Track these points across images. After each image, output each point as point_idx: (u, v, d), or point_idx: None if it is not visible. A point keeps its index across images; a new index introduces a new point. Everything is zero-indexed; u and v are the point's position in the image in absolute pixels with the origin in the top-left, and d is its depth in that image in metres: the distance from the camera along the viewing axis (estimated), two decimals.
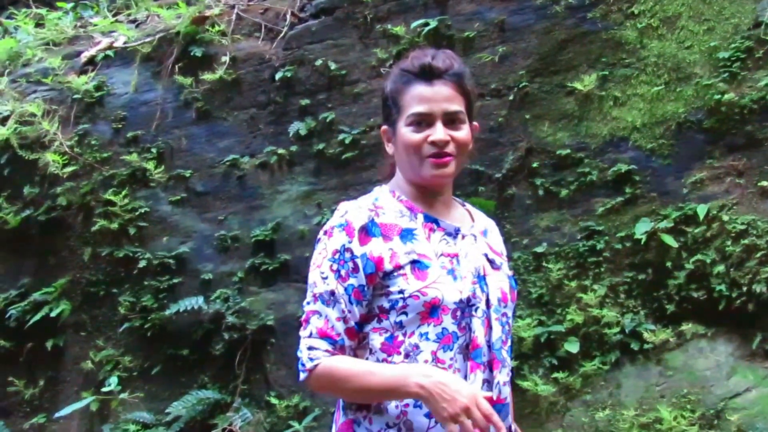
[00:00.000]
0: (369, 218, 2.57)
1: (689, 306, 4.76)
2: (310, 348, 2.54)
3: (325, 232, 2.59)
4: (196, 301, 5.29)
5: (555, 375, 4.82)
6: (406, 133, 2.57)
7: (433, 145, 2.55)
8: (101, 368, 5.49)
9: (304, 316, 2.60)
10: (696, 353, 4.74)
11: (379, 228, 2.57)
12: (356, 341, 2.58)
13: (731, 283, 4.65)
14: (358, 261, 2.52)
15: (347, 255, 2.53)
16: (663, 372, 4.73)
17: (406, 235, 2.58)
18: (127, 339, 5.55)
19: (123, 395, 5.34)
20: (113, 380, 5.35)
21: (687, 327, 4.76)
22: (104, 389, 5.36)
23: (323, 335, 2.55)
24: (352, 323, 2.55)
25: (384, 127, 2.72)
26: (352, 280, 2.53)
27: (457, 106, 2.60)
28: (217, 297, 5.38)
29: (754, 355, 4.62)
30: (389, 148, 2.71)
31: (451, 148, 2.58)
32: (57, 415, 5.37)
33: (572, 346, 4.82)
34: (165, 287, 5.51)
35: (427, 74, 2.60)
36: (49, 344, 5.54)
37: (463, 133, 2.60)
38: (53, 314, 5.46)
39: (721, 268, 4.68)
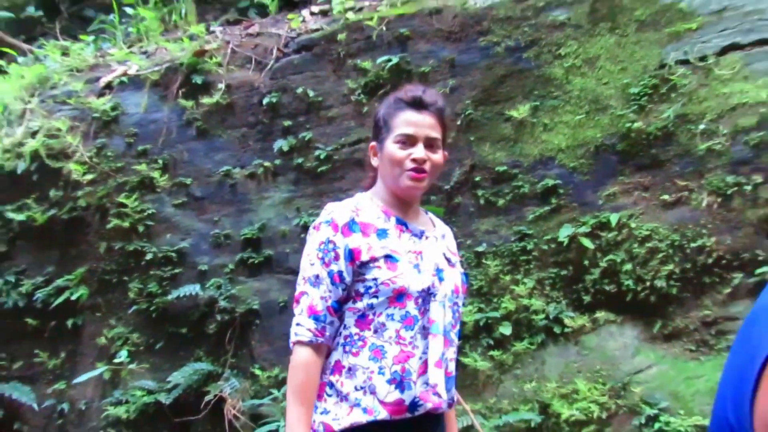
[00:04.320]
0: (350, 217, 2.60)
1: (602, 297, 4.75)
2: (298, 324, 2.58)
3: (315, 227, 2.64)
4: (193, 288, 5.26)
5: (491, 353, 4.82)
6: (394, 149, 2.61)
7: (414, 161, 2.59)
8: (113, 343, 5.46)
9: (296, 296, 2.64)
10: (607, 336, 4.73)
11: (359, 225, 2.60)
12: (337, 317, 2.58)
13: (637, 278, 4.66)
14: (340, 251, 2.55)
15: (330, 246, 2.56)
16: (580, 351, 4.73)
17: (382, 233, 2.61)
18: (135, 319, 5.50)
19: (131, 366, 5.34)
20: (123, 353, 5.35)
21: (600, 314, 4.75)
22: (115, 361, 5.35)
23: (310, 313, 2.57)
24: (332, 302, 2.57)
25: (373, 143, 2.74)
26: (333, 266, 2.55)
27: (437, 134, 2.64)
28: (212, 285, 5.34)
29: (654, 338, 4.64)
30: (374, 161, 2.74)
31: (427, 167, 2.61)
32: (75, 381, 5.33)
33: (506, 329, 4.82)
34: (167, 276, 5.46)
35: (417, 104, 2.62)
36: (69, 323, 5.51)
37: (438, 156, 2.64)
38: (73, 297, 5.43)
39: (628, 266, 4.68)
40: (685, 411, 4.31)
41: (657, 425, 4.36)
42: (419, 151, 2.60)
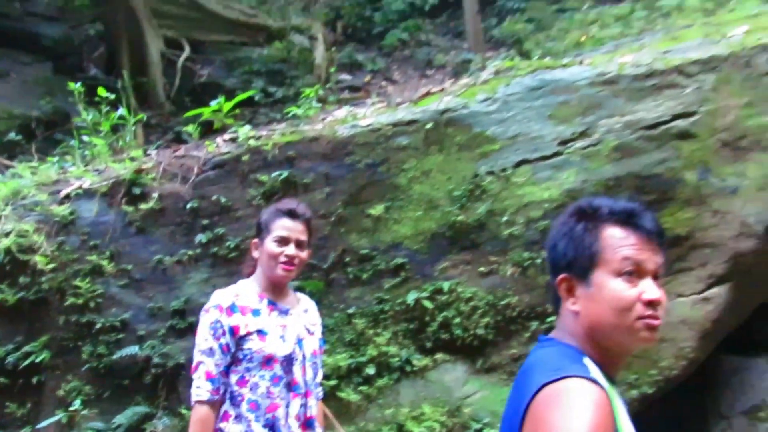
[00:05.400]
0: (232, 301, 2.91)
1: (440, 343, 5.18)
2: (198, 387, 2.86)
3: (205, 310, 2.95)
4: (133, 349, 5.38)
5: (360, 388, 5.13)
6: (272, 246, 2.93)
7: (286, 257, 2.91)
8: (70, 394, 5.49)
9: (194, 366, 2.92)
10: (444, 372, 5.14)
11: (238, 307, 2.90)
12: (227, 378, 2.87)
13: (464, 328, 5.11)
14: (225, 328, 2.85)
15: (218, 324, 2.86)
16: (425, 384, 5.11)
17: (256, 312, 2.92)
18: (88, 375, 5.51)
19: (84, 412, 5.39)
20: (77, 402, 5.40)
21: (439, 356, 5.17)
22: (71, 408, 5.38)
23: (207, 377, 2.84)
24: (222, 368, 2.87)
25: (255, 240, 3.07)
26: (222, 340, 2.85)
27: (304, 237, 2.98)
28: (148, 346, 5.47)
29: (478, 372, 5.09)
30: (255, 254, 3.05)
31: (296, 261, 2.94)
32: (39, 426, 5.39)
33: (371, 370, 5.14)
34: (113, 341, 5.54)
35: (292, 214, 2.96)
36: (34, 380, 5.53)
37: (305, 254, 3.00)
38: (38, 360, 5.48)
39: (458, 320, 5.13)
40: None
41: None
42: (291, 249, 2.91)
